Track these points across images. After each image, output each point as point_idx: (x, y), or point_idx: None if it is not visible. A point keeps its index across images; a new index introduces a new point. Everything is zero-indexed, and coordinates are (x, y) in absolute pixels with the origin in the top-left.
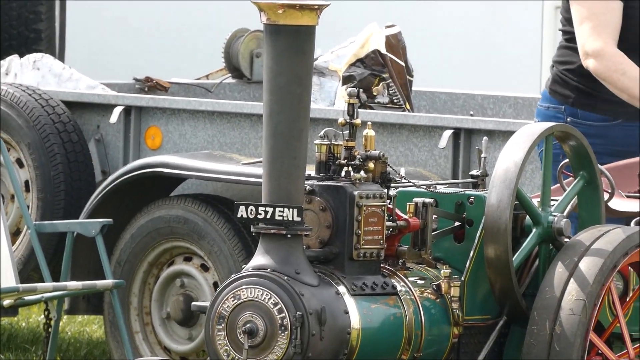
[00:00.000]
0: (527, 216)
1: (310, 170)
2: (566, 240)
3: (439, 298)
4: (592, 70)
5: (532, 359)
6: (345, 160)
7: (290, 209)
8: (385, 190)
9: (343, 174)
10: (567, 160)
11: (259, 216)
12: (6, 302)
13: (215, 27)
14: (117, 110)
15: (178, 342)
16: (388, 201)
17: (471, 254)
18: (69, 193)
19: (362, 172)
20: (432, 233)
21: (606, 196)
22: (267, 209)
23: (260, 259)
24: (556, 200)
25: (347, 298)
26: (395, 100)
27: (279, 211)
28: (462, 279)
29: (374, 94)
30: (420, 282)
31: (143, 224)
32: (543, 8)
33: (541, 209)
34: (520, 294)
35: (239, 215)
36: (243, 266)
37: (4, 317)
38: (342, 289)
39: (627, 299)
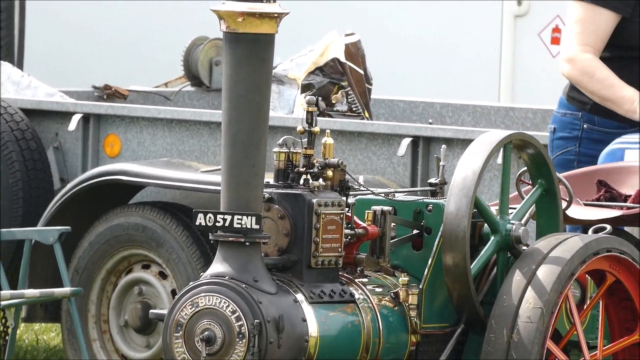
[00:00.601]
0: (485, 224)
1: (269, 178)
2: (524, 248)
3: (396, 306)
4: (565, 74)
5: None
6: (304, 168)
7: (249, 217)
8: (344, 198)
9: (302, 181)
10: (525, 168)
11: (217, 224)
12: None
13: (175, 34)
14: (76, 118)
15: (136, 349)
16: (346, 209)
17: (429, 262)
18: (27, 200)
19: (320, 180)
20: (391, 241)
21: (564, 204)
22: (226, 216)
23: (218, 266)
24: (514, 209)
25: (305, 306)
26: (354, 109)
27: (238, 219)
28: (420, 286)
29: (333, 102)
30: (378, 289)
31: (101, 232)
32: (502, 16)
33: (499, 217)
34: (478, 301)
35: (197, 223)
36: (201, 274)
37: None
38: (300, 296)
39: (585, 307)
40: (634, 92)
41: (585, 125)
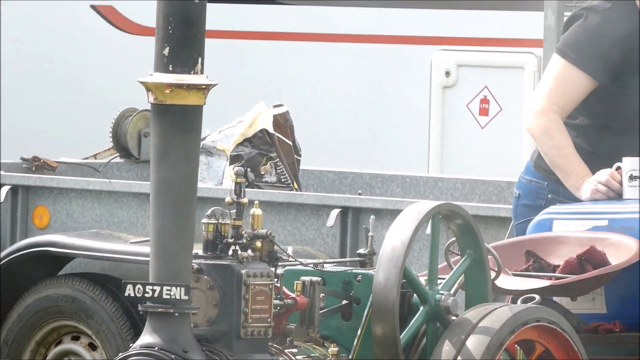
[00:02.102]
0: (415, 294)
1: (198, 249)
2: (453, 318)
3: None
4: (527, 127)
5: None
6: (233, 239)
7: (178, 288)
8: (273, 269)
9: (230, 252)
10: (454, 238)
11: (146, 295)
12: None
13: (103, 106)
14: (4, 190)
15: None
16: (275, 280)
17: (359, 332)
18: None
19: (249, 251)
20: (320, 311)
21: (493, 274)
22: (155, 287)
23: (147, 337)
24: (443, 279)
25: None
26: (283, 179)
27: (167, 290)
28: (350, 357)
29: (262, 173)
30: None
31: (30, 303)
32: (431, 88)
33: (428, 287)
34: None
35: (126, 294)
36: (131, 345)
37: None
38: None
39: None
40: (585, 170)
41: (549, 195)
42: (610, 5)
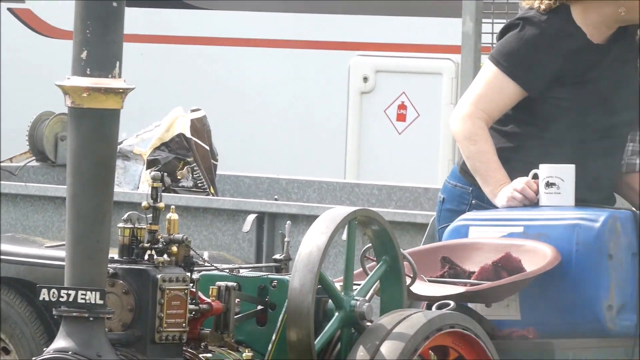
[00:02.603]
0: (330, 300)
1: (114, 253)
2: (368, 324)
3: None
4: (452, 130)
5: None
6: (149, 244)
7: (93, 292)
8: (188, 274)
9: (146, 257)
10: (370, 244)
11: (61, 299)
12: None
13: (20, 110)
14: None
15: None
16: (191, 284)
17: (273, 338)
18: None
19: (165, 256)
20: (235, 316)
21: (408, 280)
22: (70, 292)
23: (61, 342)
24: (359, 285)
25: None
26: (199, 184)
27: (82, 294)
28: None
29: (179, 177)
30: None
31: None
32: (348, 93)
33: (344, 293)
34: None
35: (41, 298)
36: (44, 349)
37: None
38: None
39: None
40: (505, 177)
41: (473, 201)
42: (547, 17)
